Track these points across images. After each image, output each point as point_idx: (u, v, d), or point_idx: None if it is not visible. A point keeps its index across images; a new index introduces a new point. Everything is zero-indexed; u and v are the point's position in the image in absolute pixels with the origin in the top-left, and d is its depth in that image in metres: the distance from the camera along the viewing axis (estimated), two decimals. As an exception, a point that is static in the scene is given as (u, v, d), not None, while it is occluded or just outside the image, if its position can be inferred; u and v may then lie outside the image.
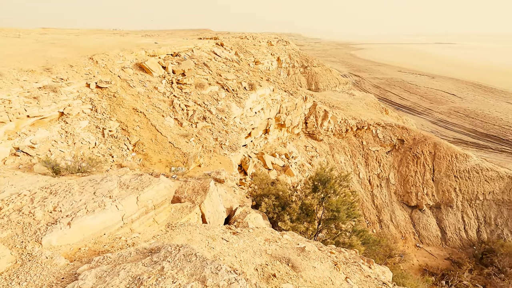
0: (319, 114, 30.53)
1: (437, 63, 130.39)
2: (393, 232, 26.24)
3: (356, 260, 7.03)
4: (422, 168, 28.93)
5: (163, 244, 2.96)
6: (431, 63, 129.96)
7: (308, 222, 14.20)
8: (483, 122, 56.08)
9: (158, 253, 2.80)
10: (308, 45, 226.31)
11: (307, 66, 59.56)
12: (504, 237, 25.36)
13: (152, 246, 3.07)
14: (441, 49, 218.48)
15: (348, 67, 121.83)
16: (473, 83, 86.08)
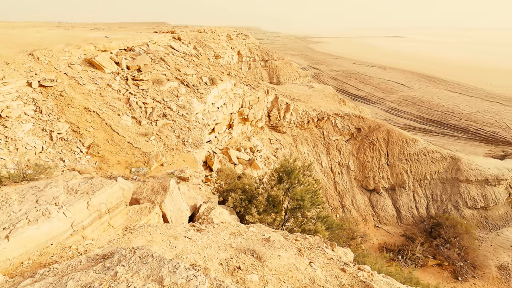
0: (281, 107, 31.09)
1: (387, 56, 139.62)
2: (355, 216, 27.89)
3: (320, 245, 7.32)
4: (378, 153, 31.00)
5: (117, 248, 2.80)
6: (382, 56, 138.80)
7: (275, 213, 14.48)
8: (428, 109, 61.54)
9: (111, 258, 2.63)
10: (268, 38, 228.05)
11: (268, 59, 60.12)
12: (449, 211, 28.31)
13: (105, 252, 2.89)
14: (391, 42, 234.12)
15: (307, 60, 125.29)
16: (419, 74, 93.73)
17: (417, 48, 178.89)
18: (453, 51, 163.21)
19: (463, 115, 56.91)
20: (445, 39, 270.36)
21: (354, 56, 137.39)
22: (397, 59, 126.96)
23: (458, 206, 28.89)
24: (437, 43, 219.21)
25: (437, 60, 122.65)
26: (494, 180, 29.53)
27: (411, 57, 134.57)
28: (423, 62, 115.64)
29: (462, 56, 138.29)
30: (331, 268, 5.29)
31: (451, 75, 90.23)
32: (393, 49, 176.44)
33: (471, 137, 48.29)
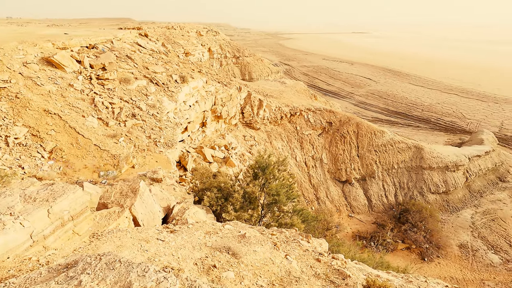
0: (254, 103, 31.16)
1: (354, 51, 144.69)
2: (329, 207, 28.79)
3: (296, 237, 7.46)
4: (349, 146, 32.16)
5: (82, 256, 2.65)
6: (349, 51, 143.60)
7: (252, 209, 14.55)
8: (393, 102, 64.80)
9: (75, 267, 2.48)
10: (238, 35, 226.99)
11: (239, 56, 59.84)
12: (415, 197, 30.14)
13: (68, 261, 2.71)
14: (356, 38, 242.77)
15: (278, 56, 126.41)
16: (384, 68, 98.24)
17: (381, 44, 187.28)
18: (414, 46, 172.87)
19: (424, 107, 60.60)
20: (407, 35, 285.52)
21: (323, 52, 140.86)
22: (363, 54, 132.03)
23: (423, 192, 30.84)
24: (399, 39, 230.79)
25: (400, 55, 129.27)
26: (453, 166, 31.86)
27: (376, 52, 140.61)
28: (387, 57, 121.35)
29: (422, 51, 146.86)
30: (306, 259, 5.41)
31: (414, 69, 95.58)
32: (359, 44, 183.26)
33: (432, 127, 51.62)
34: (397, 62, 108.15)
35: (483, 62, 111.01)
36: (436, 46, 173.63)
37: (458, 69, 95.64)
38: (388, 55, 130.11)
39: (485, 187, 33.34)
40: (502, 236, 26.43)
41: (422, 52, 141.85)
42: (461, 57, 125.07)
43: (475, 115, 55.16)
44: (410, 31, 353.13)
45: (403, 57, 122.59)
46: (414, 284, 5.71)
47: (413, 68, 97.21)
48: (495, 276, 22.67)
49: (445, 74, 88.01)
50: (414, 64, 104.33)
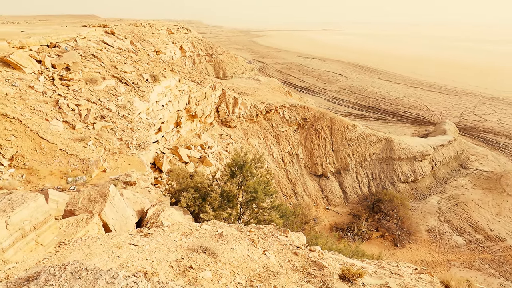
0: (229, 101, 30.97)
1: (325, 48, 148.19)
2: (307, 201, 29.41)
3: (274, 233, 7.53)
4: (323, 141, 32.98)
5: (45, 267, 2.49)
6: (321, 48, 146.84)
7: (231, 207, 14.51)
8: (364, 96, 67.27)
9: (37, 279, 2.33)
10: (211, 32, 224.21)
11: (212, 54, 59.14)
12: (386, 187, 31.59)
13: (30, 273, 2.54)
14: (327, 35, 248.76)
15: (252, 53, 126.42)
16: (354, 64, 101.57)
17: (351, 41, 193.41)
18: (382, 43, 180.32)
19: (392, 101, 63.51)
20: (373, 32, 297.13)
21: (296, 49, 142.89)
22: (334, 51, 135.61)
23: (394, 181, 32.41)
24: (367, 36, 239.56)
25: (368, 51, 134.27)
26: (420, 156, 33.75)
27: (346, 49, 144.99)
28: (357, 54, 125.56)
29: (389, 47, 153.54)
30: (284, 253, 5.49)
31: (381, 64, 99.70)
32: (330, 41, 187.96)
33: (400, 119, 54.27)
34: (365, 58, 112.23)
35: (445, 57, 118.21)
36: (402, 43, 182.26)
37: (422, 64, 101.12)
38: (358, 51, 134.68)
39: (449, 174, 35.68)
40: (465, 219, 28.47)
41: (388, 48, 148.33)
42: (425, 52, 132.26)
43: (438, 107, 58.69)
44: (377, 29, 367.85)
45: (371, 53, 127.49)
46: (386, 270, 5.97)
47: (380, 63, 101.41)
48: (460, 256, 24.40)
49: (411, 68, 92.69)
50: (382, 60, 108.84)
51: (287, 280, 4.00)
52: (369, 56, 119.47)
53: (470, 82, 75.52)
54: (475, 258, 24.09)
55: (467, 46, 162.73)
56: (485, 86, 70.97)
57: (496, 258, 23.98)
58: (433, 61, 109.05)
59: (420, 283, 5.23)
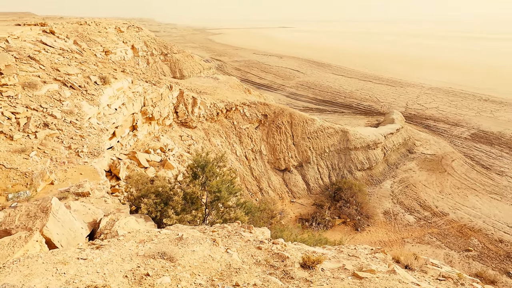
0: (188, 101, 30.24)
1: (281, 45, 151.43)
2: (272, 196, 29.97)
3: (238, 230, 7.55)
4: (284, 136, 33.79)
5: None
6: (277, 45, 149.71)
7: (195, 209, 14.26)
8: (320, 91, 70.18)
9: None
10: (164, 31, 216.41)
11: (167, 53, 57.11)
12: (345, 176, 33.43)
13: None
14: (284, 33, 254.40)
15: (208, 52, 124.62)
16: (310, 60, 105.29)
17: (306, 38, 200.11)
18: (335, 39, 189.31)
19: (346, 94, 67.17)
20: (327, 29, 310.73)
21: (253, 46, 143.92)
22: (290, 48, 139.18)
23: (351, 170, 34.40)
24: (321, 33, 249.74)
25: (323, 48, 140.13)
26: (373, 145, 36.24)
27: (302, 46, 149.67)
28: (312, 50, 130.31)
29: (341, 44, 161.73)
30: (248, 249, 5.54)
31: (335, 60, 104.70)
32: (286, 39, 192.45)
33: (354, 111, 57.65)
34: (320, 54, 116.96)
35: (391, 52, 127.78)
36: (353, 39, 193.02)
37: (372, 59, 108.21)
38: (312, 48, 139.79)
39: (398, 160, 38.84)
40: (414, 199, 31.28)
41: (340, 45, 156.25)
42: (375, 48, 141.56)
43: (387, 98, 63.41)
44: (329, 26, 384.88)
45: (325, 49, 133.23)
46: (345, 253, 6.32)
47: (334, 59, 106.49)
48: (412, 233, 26.79)
49: (362, 63, 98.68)
50: (335, 55, 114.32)
51: (249, 275, 4.05)
52: (324, 52, 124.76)
53: (413, 74, 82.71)
54: (424, 233, 26.63)
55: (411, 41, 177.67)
56: (425, 78, 78.27)
57: (441, 231, 26.76)
58: (381, 56, 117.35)
59: (374, 262, 5.63)
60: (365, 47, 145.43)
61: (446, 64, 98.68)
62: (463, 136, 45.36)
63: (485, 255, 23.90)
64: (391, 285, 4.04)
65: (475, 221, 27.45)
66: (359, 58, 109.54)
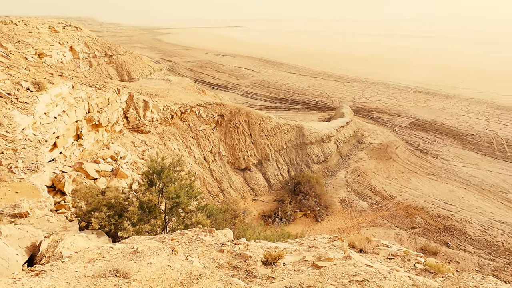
0: (139, 105, 28.67)
1: (233, 44, 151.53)
2: (234, 196, 29.91)
3: (199, 235, 7.37)
4: (242, 135, 33.90)
5: None
6: (229, 45, 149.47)
7: (154, 218, 13.63)
8: (275, 89, 71.79)
9: None
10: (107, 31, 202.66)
11: (112, 55, 53.45)
12: (303, 170, 34.72)
13: None
14: (234, 32, 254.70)
15: (158, 52, 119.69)
16: (262, 59, 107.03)
17: (257, 37, 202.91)
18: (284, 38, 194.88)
19: (299, 91, 69.69)
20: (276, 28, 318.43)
21: (204, 46, 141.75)
22: (243, 47, 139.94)
23: (308, 164, 35.84)
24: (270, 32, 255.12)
25: (274, 47, 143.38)
26: (327, 138, 38.18)
27: (253, 45, 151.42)
28: (263, 49, 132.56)
29: (291, 42, 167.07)
30: (209, 253, 5.44)
31: (286, 58, 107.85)
32: (237, 38, 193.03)
33: (307, 107, 60.11)
34: (272, 53, 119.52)
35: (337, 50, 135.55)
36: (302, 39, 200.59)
37: (322, 57, 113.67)
38: (264, 47, 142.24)
39: (350, 150, 41.50)
40: (366, 186, 33.72)
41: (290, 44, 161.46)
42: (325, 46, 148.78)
43: (336, 93, 67.24)
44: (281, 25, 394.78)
45: (277, 48, 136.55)
46: (305, 245, 6.53)
47: (285, 57, 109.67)
48: (366, 218, 28.85)
49: (312, 61, 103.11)
50: (286, 54, 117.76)
51: (211, 280, 3.97)
52: (275, 51, 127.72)
53: (358, 70, 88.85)
54: (376, 217, 28.87)
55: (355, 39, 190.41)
56: (368, 73, 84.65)
57: (391, 213, 29.26)
58: (328, 53, 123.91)
59: (332, 250, 5.92)
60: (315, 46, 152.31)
61: (386, 60, 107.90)
62: (403, 125, 50.07)
63: (428, 230, 26.74)
64: (347, 270, 4.28)
65: (417, 201, 30.52)
66: (308, 56, 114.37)
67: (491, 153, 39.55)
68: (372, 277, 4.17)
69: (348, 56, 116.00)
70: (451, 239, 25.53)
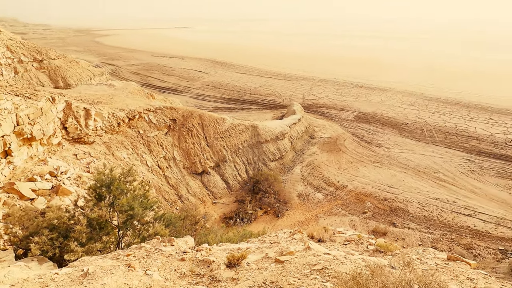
0: (79, 114, 26.24)
1: (181, 46, 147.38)
2: (193, 201, 29.14)
3: (157, 246, 7.04)
4: (197, 138, 33.17)
5: None
6: (176, 46, 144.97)
7: (106, 234, 12.66)
8: (227, 90, 71.61)
9: None
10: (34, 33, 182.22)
11: (43, 59, 48.06)
12: (260, 168, 35.25)
13: None
14: (183, 33, 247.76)
15: (98, 56, 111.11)
16: (212, 60, 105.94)
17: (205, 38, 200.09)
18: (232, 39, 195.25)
19: (251, 91, 70.55)
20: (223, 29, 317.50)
21: (150, 48, 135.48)
22: (190, 48, 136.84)
23: (265, 162, 36.50)
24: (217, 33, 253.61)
25: (222, 48, 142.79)
26: (281, 135, 39.30)
27: (202, 46, 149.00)
28: (212, 50, 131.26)
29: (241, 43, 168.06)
30: (170, 264, 5.23)
31: (236, 59, 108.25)
32: (184, 39, 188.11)
33: (260, 107, 61.15)
34: (221, 54, 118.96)
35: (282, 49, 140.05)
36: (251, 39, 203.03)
37: (273, 56, 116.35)
38: (212, 48, 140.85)
39: (303, 146, 43.30)
40: (321, 178, 35.52)
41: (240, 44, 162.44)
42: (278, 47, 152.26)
43: (287, 92, 69.54)
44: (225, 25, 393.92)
45: (225, 49, 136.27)
46: (267, 242, 6.64)
47: (234, 58, 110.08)
48: (322, 208, 30.41)
49: (262, 61, 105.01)
50: (236, 55, 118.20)
51: (174, 291, 3.81)
52: (224, 52, 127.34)
53: (305, 69, 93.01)
54: (332, 206, 30.61)
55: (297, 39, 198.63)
56: (314, 71, 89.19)
57: (344, 201, 31.28)
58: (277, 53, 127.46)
59: (293, 243, 6.11)
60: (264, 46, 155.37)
61: (330, 58, 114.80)
62: (349, 118, 53.85)
63: (377, 214, 29.19)
64: (307, 261, 4.46)
65: (366, 187, 33.11)
66: (257, 57, 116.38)
67: (423, 139, 44.65)
68: (330, 264, 4.41)
69: (293, 56, 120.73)
70: (396, 219, 28.22)
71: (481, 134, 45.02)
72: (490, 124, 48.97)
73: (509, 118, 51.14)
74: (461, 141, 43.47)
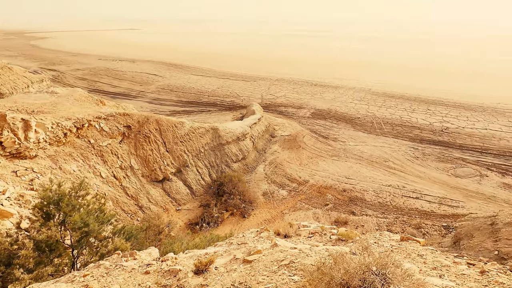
0: (16, 126, 23.54)
1: (130, 48, 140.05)
2: (156, 210, 27.89)
3: (118, 262, 6.64)
4: (155, 144, 31.81)
5: None
6: (125, 49, 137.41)
7: (58, 256, 11.56)
8: (184, 93, 69.79)
9: None
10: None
11: (-33, 66, 42.17)
12: (224, 171, 34.97)
13: None
14: (131, 34, 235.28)
15: (35, 61, 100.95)
16: (165, 63, 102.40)
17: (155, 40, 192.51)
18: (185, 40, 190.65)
19: (209, 93, 69.63)
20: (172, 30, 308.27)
21: (96, 51, 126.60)
22: (141, 51, 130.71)
23: (228, 163, 36.31)
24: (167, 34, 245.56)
25: (175, 49, 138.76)
26: (242, 136, 39.41)
27: (153, 48, 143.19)
28: (164, 52, 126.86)
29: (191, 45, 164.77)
30: (133, 279, 4.95)
31: (191, 61, 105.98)
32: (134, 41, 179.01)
33: (220, 108, 60.67)
34: (175, 56, 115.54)
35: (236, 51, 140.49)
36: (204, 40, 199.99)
37: (226, 58, 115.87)
38: (164, 50, 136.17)
39: (265, 145, 43.95)
40: (283, 175, 36.37)
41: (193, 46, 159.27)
42: (229, 48, 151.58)
43: (245, 92, 69.94)
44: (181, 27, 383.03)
45: (179, 51, 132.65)
46: (234, 243, 6.60)
47: (189, 60, 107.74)
48: (287, 205, 31.18)
49: (217, 63, 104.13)
50: (190, 56, 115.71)
51: (139, 308, 3.60)
52: (177, 53, 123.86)
53: (261, 69, 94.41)
54: (296, 201, 31.52)
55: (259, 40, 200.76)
56: (270, 71, 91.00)
57: (307, 196, 32.41)
58: (231, 54, 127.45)
59: (260, 242, 6.17)
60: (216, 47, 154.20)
61: (285, 59, 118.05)
62: (306, 116, 55.93)
63: (338, 204, 30.77)
64: (275, 258, 4.55)
65: (326, 180, 34.70)
66: (213, 58, 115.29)
67: (373, 131, 48.11)
68: (297, 258, 4.54)
69: (250, 56, 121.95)
70: (355, 208, 30.02)
71: (422, 124, 49.93)
72: (428, 114, 54.54)
73: (443, 107, 57.48)
74: (406, 131, 47.74)
